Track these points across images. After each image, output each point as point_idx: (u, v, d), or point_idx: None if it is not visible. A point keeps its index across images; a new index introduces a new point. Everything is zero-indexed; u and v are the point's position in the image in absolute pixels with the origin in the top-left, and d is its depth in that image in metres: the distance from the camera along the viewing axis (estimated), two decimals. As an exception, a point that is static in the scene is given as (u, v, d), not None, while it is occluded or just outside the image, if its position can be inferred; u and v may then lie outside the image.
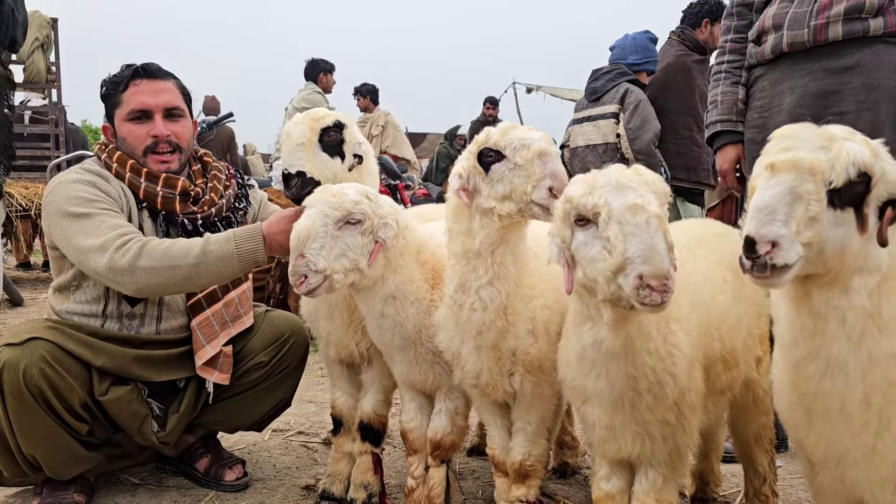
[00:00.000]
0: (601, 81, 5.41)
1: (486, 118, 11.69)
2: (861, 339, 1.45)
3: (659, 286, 1.50)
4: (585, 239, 1.65)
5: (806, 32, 2.78)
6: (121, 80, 2.77)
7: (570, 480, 3.08)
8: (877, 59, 2.74)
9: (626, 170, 1.66)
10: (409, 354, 2.38)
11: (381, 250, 2.21)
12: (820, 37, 2.76)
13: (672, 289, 1.51)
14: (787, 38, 2.84)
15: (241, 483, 2.96)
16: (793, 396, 1.65)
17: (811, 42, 2.78)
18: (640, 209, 1.55)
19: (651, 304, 1.51)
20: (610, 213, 1.57)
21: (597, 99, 5.42)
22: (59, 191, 2.60)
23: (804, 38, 2.79)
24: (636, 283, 1.51)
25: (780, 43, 2.87)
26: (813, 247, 1.35)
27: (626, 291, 1.54)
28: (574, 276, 1.72)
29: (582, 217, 1.65)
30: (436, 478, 2.49)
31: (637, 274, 1.51)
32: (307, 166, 2.43)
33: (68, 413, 2.49)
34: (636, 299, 1.52)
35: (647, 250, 1.51)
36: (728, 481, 3.01)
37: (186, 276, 2.45)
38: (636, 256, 1.52)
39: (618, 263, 1.54)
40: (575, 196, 1.67)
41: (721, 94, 3.19)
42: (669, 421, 1.90)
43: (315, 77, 8.83)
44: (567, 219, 1.70)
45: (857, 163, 1.34)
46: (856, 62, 2.75)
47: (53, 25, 10.20)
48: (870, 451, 1.54)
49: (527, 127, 2.04)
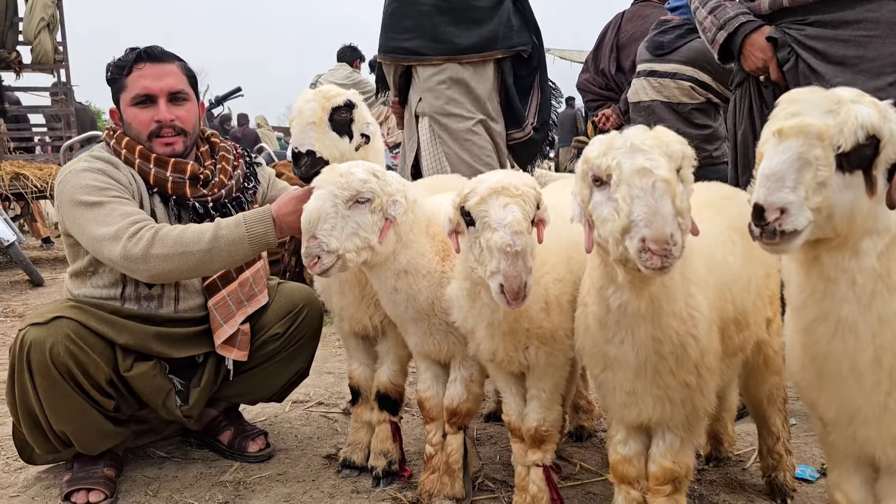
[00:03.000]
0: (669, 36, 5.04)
1: None
2: (871, 301, 1.46)
3: (659, 250, 1.51)
4: (601, 199, 1.67)
5: None
6: (125, 64, 2.77)
7: (587, 443, 3.13)
8: (875, 16, 2.70)
9: (645, 132, 1.65)
10: (422, 326, 2.41)
11: (392, 227, 2.23)
12: None
13: (674, 254, 1.52)
14: None
15: (264, 454, 3.03)
16: (804, 358, 1.67)
17: None
18: (647, 172, 1.56)
19: (652, 267, 1.53)
20: (620, 176, 1.59)
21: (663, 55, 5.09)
22: (70, 180, 2.63)
23: None
24: (639, 245, 1.52)
25: None
26: (822, 212, 1.36)
27: (630, 254, 1.56)
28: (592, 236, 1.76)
29: (598, 178, 1.67)
30: (453, 444, 2.54)
31: (640, 237, 1.52)
32: (317, 145, 2.45)
33: (95, 389, 2.56)
34: (639, 262, 1.54)
35: (650, 214, 1.52)
36: (743, 440, 3.05)
37: (199, 262, 2.48)
38: (640, 219, 1.53)
39: (624, 225, 1.56)
40: (591, 157, 1.68)
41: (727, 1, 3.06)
42: (690, 384, 1.92)
43: (351, 61, 9.14)
44: (586, 178, 1.72)
45: (866, 126, 1.33)
46: (855, 17, 2.71)
47: (58, 4, 10.17)
48: (881, 409, 1.56)
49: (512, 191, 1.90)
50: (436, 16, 3.79)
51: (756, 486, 2.68)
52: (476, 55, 3.83)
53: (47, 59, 10.06)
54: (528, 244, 1.87)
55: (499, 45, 3.86)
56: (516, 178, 1.96)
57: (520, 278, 1.82)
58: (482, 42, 3.83)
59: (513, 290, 1.83)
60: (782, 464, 2.58)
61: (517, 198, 1.88)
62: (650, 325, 1.79)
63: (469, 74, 3.85)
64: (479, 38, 3.81)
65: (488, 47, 3.84)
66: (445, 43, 3.80)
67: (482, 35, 3.82)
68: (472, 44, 3.81)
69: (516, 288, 1.83)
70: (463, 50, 3.81)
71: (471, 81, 3.85)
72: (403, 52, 3.91)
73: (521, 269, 1.83)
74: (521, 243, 1.82)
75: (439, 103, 3.85)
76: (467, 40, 3.79)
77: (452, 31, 3.79)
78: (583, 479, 2.78)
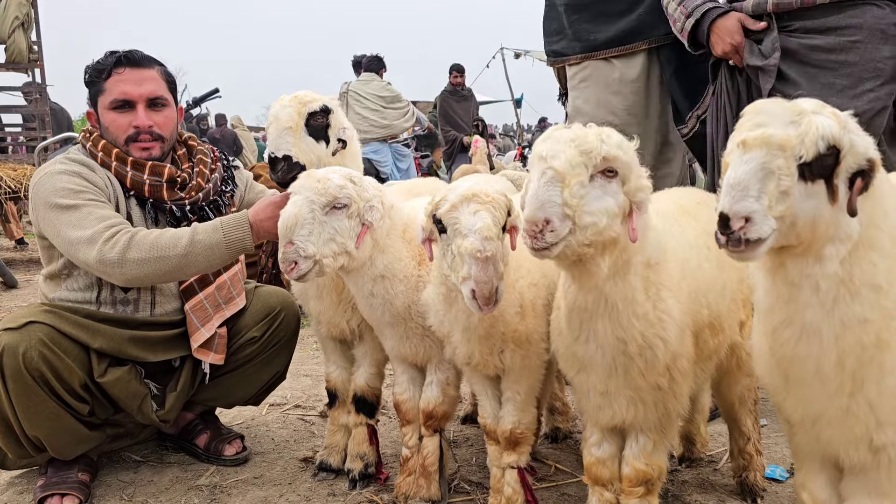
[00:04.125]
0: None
1: (453, 87, 11.42)
2: (834, 306, 1.50)
3: (529, 230, 1.62)
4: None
5: None
6: (104, 67, 2.74)
7: (562, 445, 3.16)
8: (859, 22, 2.76)
9: (573, 126, 1.74)
10: (399, 330, 2.43)
11: (369, 232, 2.25)
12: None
13: (547, 239, 1.61)
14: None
15: (240, 457, 3.03)
16: (771, 361, 1.71)
17: (798, 3, 2.79)
18: (541, 160, 1.67)
19: (530, 247, 1.65)
20: (530, 162, 1.72)
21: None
22: (46, 182, 2.61)
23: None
24: (524, 225, 1.65)
25: (764, 3, 2.86)
26: (785, 220, 1.40)
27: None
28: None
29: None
30: (429, 447, 2.56)
31: (523, 218, 1.64)
32: (294, 150, 2.47)
33: (69, 394, 2.54)
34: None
35: (531, 198, 1.63)
36: (715, 441, 3.10)
37: (176, 267, 2.48)
38: (526, 201, 1.65)
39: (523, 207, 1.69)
40: (535, 143, 1.78)
41: None
42: (661, 386, 1.96)
43: (377, 70, 9.37)
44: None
45: (826, 136, 1.37)
46: (837, 23, 2.77)
47: (33, 4, 10.04)
48: (844, 411, 1.60)
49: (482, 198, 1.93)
50: (571, 14, 3.70)
51: (728, 486, 2.73)
52: (615, 49, 3.61)
53: (21, 59, 9.92)
54: (499, 250, 1.90)
55: (644, 35, 3.58)
56: (487, 185, 1.99)
57: (491, 284, 1.85)
58: (622, 35, 3.60)
59: (484, 296, 1.86)
60: (753, 464, 2.63)
61: (487, 204, 1.91)
62: (608, 323, 1.83)
63: (610, 70, 3.65)
64: (618, 32, 3.61)
65: (630, 39, 3.59)
66: (582, 41, 3.68)
67: (621, 28, 3.59)
68: (609, 38, 3.60)
69: (487, 293, 1.85)
70: (599, 45, 3.64)
71: (612, 77, 3.65)
72: (554, 55, 3.88)
73: (492, 274, 1.86)
74: (491, 249, 1.85)
75: (579, 102, 3.74)
76: (604, 35, 3.59)
77: (588, 27, 3.66)
78: (558, 480, 2.81)
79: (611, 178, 1.70)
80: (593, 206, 1.65)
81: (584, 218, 1.63)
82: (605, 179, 1.69)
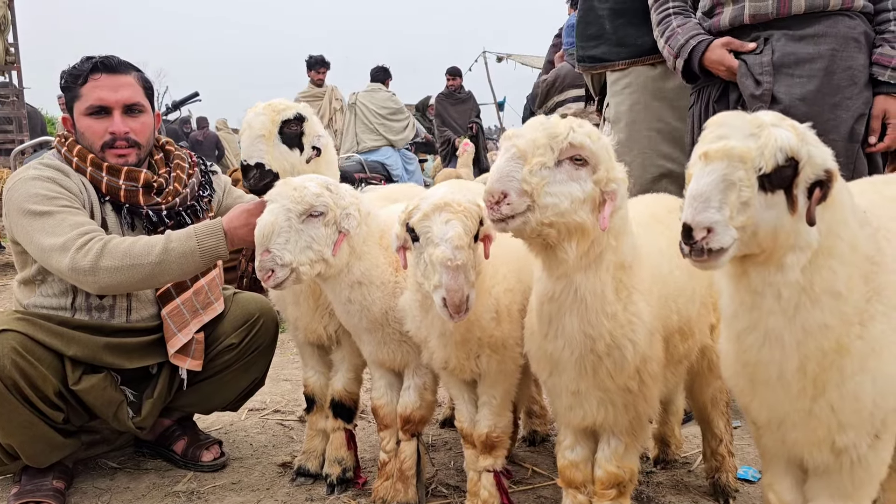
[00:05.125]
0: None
1: (449, 90, 11.65)
2: (795, 312, 1.54)
3: (487, 200, 1.69)
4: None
5: (770, 4, 2.82)
6: (80, 73, 2.73)
7: (539, 448, 3.20)
8: (834, 31, 2.81)
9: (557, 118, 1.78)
10: (376, 336, 2.45)
11: (345, 239, 2.27)
12: (784, 9, 2.81)
13: (503, 210, 1.67)
14: (749, 10, 2.87)
15: (218, 463, 3.03)
16: (737, 365, 1.75)
17: (774, 14, 2.83)
18: (508, 138, 1.74)
19: (490, 218, 1.71)
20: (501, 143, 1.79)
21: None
22: (20, 188, 2.60)
23: (768, 9, 2.83)
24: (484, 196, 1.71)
25: (741, 14, 2.90)
26: (747, 230, 1.43)
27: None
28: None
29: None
30: (407, 451, 2.58)
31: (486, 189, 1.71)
32: (266, 158, 2.47)
33: (43, 402, 2.53)
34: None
35: (493, 172, 1.72)
36: (689, 443, 3.15)
37: (149, 275, 2.49)
38: (490, 176, 1.73)
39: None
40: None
41: (677, 24, 3.11)
42: (631, 388, 2.00)
43: (383, 80, 10.16)
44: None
45: (784, 148, 1.41)
46: (815, 32, 2.82)
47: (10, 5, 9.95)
48: (806, 414, 1.65)
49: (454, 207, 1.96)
50: (615, 19, 3.64)
51: (701, 487, 2.77)
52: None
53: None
54: (470, 259, 1.93)
55: None
56: (459, 194, 2.01)
57: (461, 292, 1.88)
58: None
59: (454, 304, 1.88)
60: (725, 465, 2.68)
61: (459, 214, 1.94)
62: (576, 319, 1.86)
63: (657, 75, 3.59)
64: None
65: None
66: (627, 46, 3.62)
67: None
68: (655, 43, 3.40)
69: (458, 301, 1.88)
70: (646, 51, 3.55)
71: (659, 83, 3.59)
72: (591, 61, 3.80)
73: (463, 282, 1.89)
74: (461, 258, 1.88)
75: (623, 108, 3.66)
76: (651, 40, 3.39)
77: (634, 32, 3.59)
78: (535, 483, 2.84)
79: (580, 166, 1.74)
80: (556, 188, 1.70)
81: (544, 198, 1.68)
82: (573, 166, 1.73)
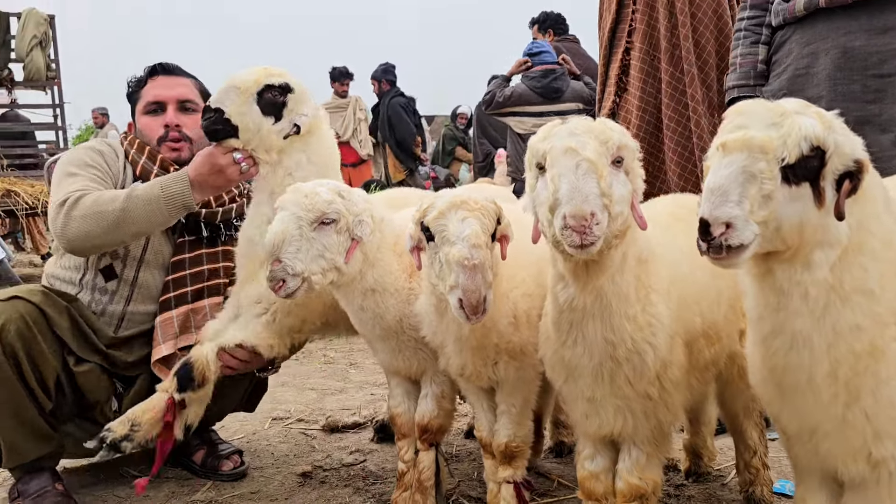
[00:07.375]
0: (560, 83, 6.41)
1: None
2: (824, 313, 1.45)
3: (577, 226, 1.53)
4: (542, 184, 1.69)
5: None
6: (141, 78, 2.93)
7: (566, 459, 3.10)
8: None
9: (585, 120, 1.68)
10: (391, 343, 2.38)
11: (358, 247, 2.19)
12: None
13: (595, 232, 1.54)
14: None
15: (237, 472, 2.98)
16: (764, 371, 1.65)
17: None
18: (572, 152, 1.59)
19: (572, 245, 1.55)
20: (552, 157, 1.62)
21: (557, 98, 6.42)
22: (70, 153, 2.77)
23: None
24: (562, 222, 1.55)
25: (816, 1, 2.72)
26: (769, 225, 1.35)
27: (556, 232, 1.57)
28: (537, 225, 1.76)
29: (540, 164, 1.69)
30: (425, 461, 2.51)
31: (562, 214, 1.54)
32: (230, 108, 2.41)
33: (37, 382, 2.46)
34: (563, 240, 1.56)
35: (571, 191, 1.55)
36: (724, 454, 3.02)
37: (115, 222, 2.46)
38: (563, 196, 1.55)
39: (551, 203, 1.59)
40: (534, 143, 1.72)
41: (740, 55, 3.06)
42: (651, 395, 1.91)
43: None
44: (531, 167, 1.74)
45: (810, 137, 1.32)
46: None
47: (51, 22, 10.23)
48: (840, 422, 1.54)
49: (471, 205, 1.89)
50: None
51: (735, 501, 2.65)
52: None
53: (39, 77, 10.11)
54: (487, 258, 1.86)
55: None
56: (476, 192, 1.95)
57: (478, 292, 1.81)
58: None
59: (471, 305, 1.81)
60: (759, 478, 2.55)
61: (476, 212, 1.88)
62: (599, 324, 1.77)
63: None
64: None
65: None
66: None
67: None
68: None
69: (475, 302, 1.81)
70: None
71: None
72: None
73: (480, 282, 1.82)
74: (478, 257, 1.81)
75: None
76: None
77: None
78: (559, 495, 2.75)
79: (619, 167, 1.67)
80: (617, 194, 1.62)
81: (615, 207, 1.59)
82: (615, 168, 1.66)
